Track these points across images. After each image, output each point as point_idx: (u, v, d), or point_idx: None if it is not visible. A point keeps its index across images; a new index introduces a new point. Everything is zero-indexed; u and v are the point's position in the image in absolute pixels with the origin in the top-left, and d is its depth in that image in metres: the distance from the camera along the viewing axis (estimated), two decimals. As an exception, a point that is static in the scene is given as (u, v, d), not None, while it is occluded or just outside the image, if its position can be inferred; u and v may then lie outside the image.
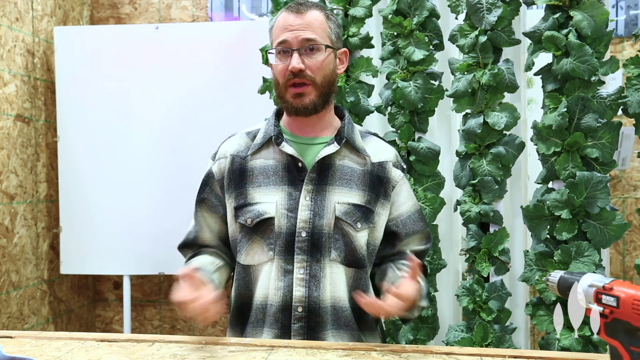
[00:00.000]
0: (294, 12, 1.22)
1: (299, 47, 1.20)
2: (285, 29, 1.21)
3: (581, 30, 1.61)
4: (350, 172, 1.25)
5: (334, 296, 1.21)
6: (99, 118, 2.43)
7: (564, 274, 0.93)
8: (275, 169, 1.24)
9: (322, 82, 1.22)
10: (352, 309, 1.23)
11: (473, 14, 1.76)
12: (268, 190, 1.23)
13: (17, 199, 2.33)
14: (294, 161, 1.24)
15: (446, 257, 1.95)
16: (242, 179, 1.25)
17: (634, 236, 2.57)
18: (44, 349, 1.10)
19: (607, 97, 1.65)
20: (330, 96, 1.26)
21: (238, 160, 1.27)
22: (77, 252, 2.46)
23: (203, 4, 2.80)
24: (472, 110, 1.81)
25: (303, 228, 1.20)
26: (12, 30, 2.31)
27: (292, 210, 1.21)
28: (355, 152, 1.27)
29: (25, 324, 2.37)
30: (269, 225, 1.22)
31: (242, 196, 1.24)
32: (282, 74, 1.22)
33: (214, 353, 1.07)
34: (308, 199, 1.21)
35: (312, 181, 1.22)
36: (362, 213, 1.23)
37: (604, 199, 1.61)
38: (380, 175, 1.27)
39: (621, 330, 0.84)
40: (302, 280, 1.20)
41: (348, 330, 1.23)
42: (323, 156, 1.23)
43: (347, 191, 1.23)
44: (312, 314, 1.20)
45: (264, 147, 1.27)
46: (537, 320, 1.69)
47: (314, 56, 1.21)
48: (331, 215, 1.21)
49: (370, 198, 1.25)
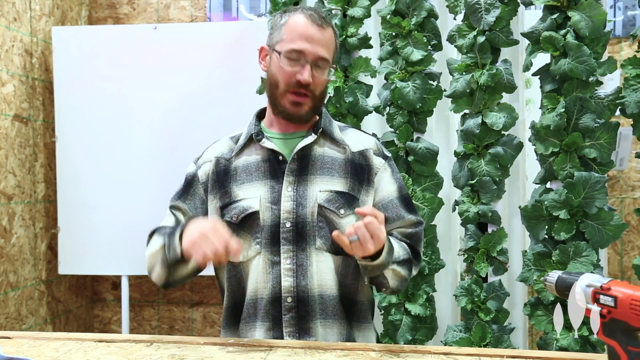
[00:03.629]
0: (317, 25, 1.23)
1: (312, 61, 1.22)
2: (304, 39, 1.22)
3: (579, 30, 1.61)
4: (330, 161, 1.27)
5: (321, 284, 1.22)
6: (98, 118, 2.43)
7: (562, 274, 0.93)
8: (257, 165, 1.27)
9: (319, 96, 1.28)
10: (340, 299, 1.23)
11: (471, 14, 1.76)
12: (251, 186, 1.25)
13: (15, 199, 2.33)
14: (275, 155, 1.26)
15: (444, 257, 1.95)
16: (226, 179, 1.28)
17: (631, 236, 2.58)
18: (42, 349, 1.10)
19: (605, 98, 1.65)
20: (320, 108, 1.31)
21: (222, 162, 1.30)
22: (75, 252, 2.45)
23: (201, 4, 2.80)
24: (470, 111, 1.81)
25: (287, 219, 1.22)
26: (10, 30, 2.30)
27: (275, 203, 1.23)
28: (334, 142, 1.30)
29: (23, 324, 2.37)
30: (254, 220, 1.23)
31: (226, 195, 1.26)
32: (287, 79, 1.23)
33: (212, 353, 1.07)
34: (290, 190, 1.23)
35: (292, 172, 1.25)
36: (345, 200, 1.24)
37: (602, 199, 1.61)
38: (361, 163, 1.29)
39: (619, 330, 0.84)
40: (290, 270, 1.21)
41: (337, 320, 1.23)
42: (302, 147, 1.25)
43: (329, 179, 1.25)
44: (302, 304, 1.21)
45: (246, 147, 1.30)
46: (536, 320, 1.69)
47: (321, 73, 1.24)
48: (313, 204, 1.22)
49: (353, 185, 1.26)
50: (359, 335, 1.27)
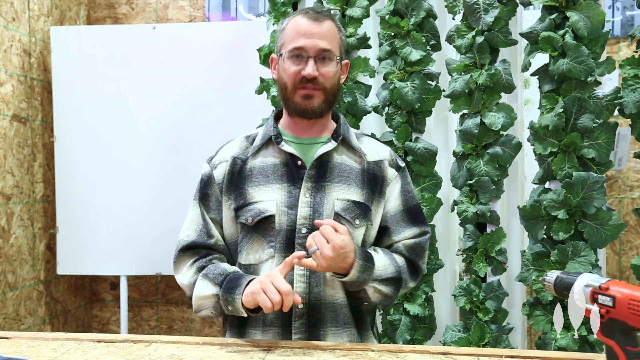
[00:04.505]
0: (313, 20, 1.23)
1: (314, 55, 1.22)
2: (302, 35, 1.22)
3: (577, 31, 1.61)
4: (348, 170, 1.26)
5: (333, 292, 1.22)
6: (96, 118, 2.43)
7: (561, 274, 0.93)
8: (275, 168, 1.26)
9: (331, 90, 1.26)
10: (349, 307, 1.23)
11: (470, 14, 1.76)
12: (267, 188, 1.24)
13: (14, 200, 2.33)
14: (294, 159, 1.25)
15: (443, 257, 1.95)
16: (242, 179, 1.26)
17: (630, 236, 2.58)
18: (41, 349, 1.10)
19: (603, 98, 1.65)
20: (334, 104, 1.29)
21: (239, 163, 1.28)
22: (73, 252, 2.45)
23: (200, 4, 2.80)
24: (469, 111, 1.81)
25: (303, 225, 1.21)
26: (9, 30, 2.30)
27: (292, 208, 1.22)
28: (352, 150, 1.29)
29: (21, 324, 2.36)
30: (269, 223, 1.22)
31: (241, 196, 1.25)
32: (293, 78, 1.23)
33: (211, 353, 1.07)
34: (308, 196, 1.22)
35: (311, 178, 1.24)
36: (361, 210, 1.24)
37: (601, 199, 1.61)
38: (376, 174, 1.29)
39: (617, 330, 0.84)
40: (303, 276, 1.20)
41: (347, 328, 1.23)
42: (321, 153, 1.25)
43: (346, 188, 1.24)
44: (313, 310, 1.20)
45: (263, 148, 1.29)
46: (534, 320, 1.69)
47: (327, 65, 1.24)
48: (330, 212, 1.22)
49: (368, 196, 1.26)
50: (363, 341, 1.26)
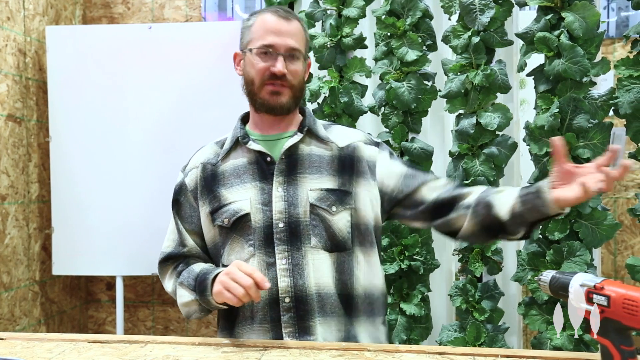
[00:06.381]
0: (283, 18, 1.27)
1: (284, 53, 1.25)
2: (272, 32, 1.25)
3: (573, 31, 1.62)
4: (318, 160, 1.28)
5: (318, 283, 1.22)
6: (92, 118, 2.42)
7: (556, 274, 0.94)
8: (245, 168, 1.28)
9: (298, 87, 1.29)
10: (338, 295, 1.23)
11: (466, 14, 1.77)
12: (240, 188, 1.26)
13: (9, 200, 2.32)
14: (263, 156, 1.27)
15: (439, 257, 1.95)
16: (214, 183, 1.29)
17: (625, 236, 2.59)
18: (36, 350, 1.09)
19: (598, 98, 1.66)
20: (300, 100, 1.33)
21: (209, 167, 1.31)
22: (69, 253, 2.44)
23: (196, 4, 2.79)
24: (465, 111, 1.81)
25: (280, 219, 1.22)
26: (3, 29, 2.29)
27: (266, 204, 1.23)
28: (320, 140, 1.31)
29: (16, 325, 2.35)
30: (245, 222, 1.23)
31: (215, 199, 1.27)
32: (261, 74, 1.26)
33: (207, 354, 1.07)
34: (280, 190, 1.24)
35: (281, 172, 1.25)
36: (337, 196, 1.25)
37: (596, 199, 1.62)
38: (351, 156, 1.29)
39: (612, 329, 0.84)
40: (286, 270, 1.21)
41: (335, 317, 1.23)
42: (289, 146, 1.27)
43: (318, 177, 1.26)
44: (300, 303, 1.21)
45: (233, 150, 1.31)
46: (530, 319, 1.70)
47: (295, 63, 1.27)
48: (305, 203, 1.23)
49: (343, 180, 1.26)
50: (362, 331, 1.25)
